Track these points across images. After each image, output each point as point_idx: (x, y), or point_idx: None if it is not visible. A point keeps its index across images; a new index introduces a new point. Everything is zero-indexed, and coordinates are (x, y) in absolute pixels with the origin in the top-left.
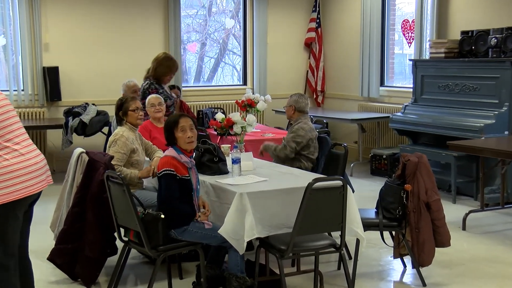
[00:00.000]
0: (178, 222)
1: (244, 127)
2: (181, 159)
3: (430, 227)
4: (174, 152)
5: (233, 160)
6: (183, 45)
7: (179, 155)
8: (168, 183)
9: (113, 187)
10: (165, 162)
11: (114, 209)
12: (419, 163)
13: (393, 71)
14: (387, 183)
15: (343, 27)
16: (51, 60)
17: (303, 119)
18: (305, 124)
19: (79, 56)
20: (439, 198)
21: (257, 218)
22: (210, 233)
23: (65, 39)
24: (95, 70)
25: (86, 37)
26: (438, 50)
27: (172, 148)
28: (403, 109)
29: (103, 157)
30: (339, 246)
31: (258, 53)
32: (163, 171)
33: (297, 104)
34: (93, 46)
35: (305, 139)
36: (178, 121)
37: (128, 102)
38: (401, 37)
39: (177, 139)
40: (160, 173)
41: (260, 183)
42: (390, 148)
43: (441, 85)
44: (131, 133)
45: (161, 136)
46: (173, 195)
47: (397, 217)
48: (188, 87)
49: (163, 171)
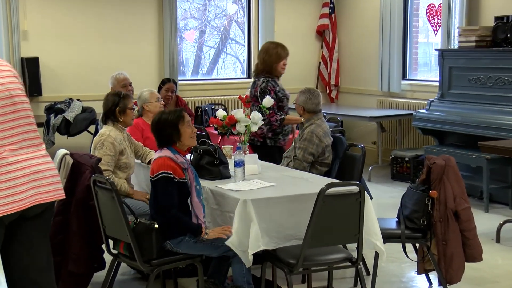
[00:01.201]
0: (174, 232)
1: (248, 125)
2: (178, 160)
3: (459, 239)
4: (169, 152)
5: (235, 163)
6: (180, 33)
7: (174, 155)
8: (165, 189)
9: (101, 193)
10: (161, 163)
11: (102, 218)
12: (446, 167)
13: (417, 63)
14: (410, 189)
15: (360, 13)
16: (30, 50)
17: (316, 119)
18: (318, 126)
19: (62, 46)
20: (469, 206)
21: (263, 228)
22: (211, 242)
23: (46, 26)
24: (80, 61)
25: (70, 24)
26: (468, 39)
27: (166, 149)
28: (428, 105)
29: (89, 159)
30: (355, 260)
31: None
32: (159, 174)
33: (307, 105)
34: (77, 34)
35: (320, 147)
36: (183, 115)
37: (127, 98)
38: (426, 23)
39: (182, 135)
40: (156, 176)
41: (267, 189)
42: (413, 150)
43: (471, 78)
44: (119, 133)
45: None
46: (172, 202)
47: (421, 227)
48: (185, 80)
49: (159, 174)
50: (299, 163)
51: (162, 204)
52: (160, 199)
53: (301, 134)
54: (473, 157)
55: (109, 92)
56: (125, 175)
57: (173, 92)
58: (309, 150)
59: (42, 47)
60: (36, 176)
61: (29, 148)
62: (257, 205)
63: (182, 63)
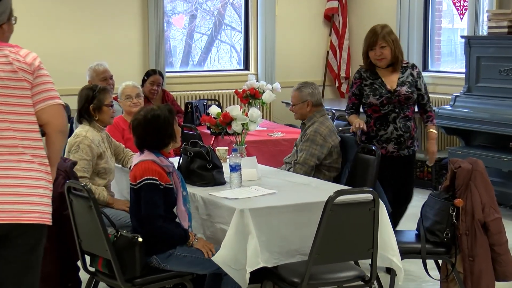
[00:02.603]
0: (162, 246)
1: (245, 124)
2: (162, 163)
3: (488, 254)
4: (153, 155)
5: (231, 167)
6: (167, 17)
7: (158, 157)
8: (150, 196)
9: (76, 202)
10: (145, 168)
11: (78, 230)
12: (474, 171)
13: (440, 52)
14: (431, 197)
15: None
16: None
17: (318, 115)
18: (322, 124)
19: (31, 33)
20: (500, 217)
21: (263, 242)
22: (203, 256)
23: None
24: (53, 51)
25: (40, 9)
26: (499, 24)
27: (148, 151)
28: (453, 100)
29: (63, 163)
30: (368, 278)
31: (264, 29)
32: (143, 180)
33: (313, 97)
34: (49, 19)
35: (325, 148)
36: (172, 110)
37: (103, 93)
38: (450, 6)
39: (174, 134)
40: (139, 183)
41: (267, 197)
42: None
43: (502, 70)
44: (96, 134)
45: None
46: (158, 212)
47: (445, 241)
48: (173, 72)
49: (143, 181)
50: (300, 167)
51: (147, 214)
52: (144, 209)
53: (303, 135)
54: (504, 160)
55: (84, 86)
56: (104, 182)
57: (159, 86)
58: (311, 151)
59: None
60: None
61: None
62: (256, 215)
63: (170, 53)
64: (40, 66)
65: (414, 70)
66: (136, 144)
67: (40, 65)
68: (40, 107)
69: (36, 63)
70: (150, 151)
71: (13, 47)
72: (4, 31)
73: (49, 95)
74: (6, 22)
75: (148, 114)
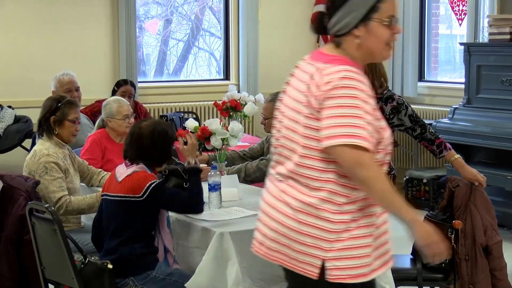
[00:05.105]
0: (140, 268)
1: (226, 139)
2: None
3: (489, 281)
4: (146, 168)
5: (210, 186)
6: (139, 22)
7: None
8: (172, 191)
9: (38, 225)
10: (145, 176)
11: (40, 257)
12: (474, 191)
13: (437, 60)
14: (427, 217)
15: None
16: None
17: None
18: None
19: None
20: (501, 240)
21: (245, 268)
22: (183, 280)
23: None
24: (13, 58)
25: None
26: (501, 30)
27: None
28: (452, 113)
29: (24, 182)
30: None
31: (246, 35)
32: (150, 185)
33: None
34: (8, 23)
35: None
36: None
37: (69, 106)
38: (448, 11)
39: (171, 155)
40: (146, 191)
41: (249, 219)
42: (433, 169)
43: (505, 80)
44: (58, 150)
45: (119, 158)
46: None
47: (443, 266)
48: (146, 82)
49: (150, 185)
50: (258, 169)
51: (190, 201)
52: (176, 206)
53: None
54: (507, 178)
55: (50, 96)
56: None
57: (131, 97)
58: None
59: None
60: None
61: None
62: (237, 239)
63: (143, 61)
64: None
65: (387, 105)
66: (132, 155)
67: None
68: None
69: None
70: (143, 164)
71: None
72: None
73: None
74: None
75: (158, 126)
